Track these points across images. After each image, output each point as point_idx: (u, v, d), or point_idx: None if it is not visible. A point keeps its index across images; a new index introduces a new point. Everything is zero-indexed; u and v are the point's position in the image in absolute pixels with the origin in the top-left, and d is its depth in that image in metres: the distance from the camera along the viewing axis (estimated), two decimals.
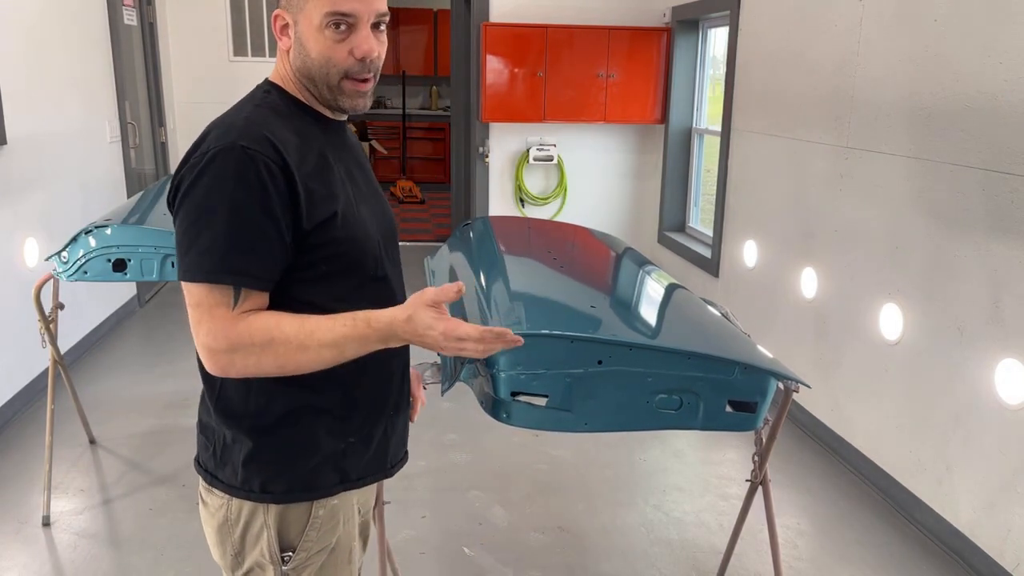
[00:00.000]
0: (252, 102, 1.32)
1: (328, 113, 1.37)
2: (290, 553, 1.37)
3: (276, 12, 1.31)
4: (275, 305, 1.27)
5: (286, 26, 1.31)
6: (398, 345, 1.27)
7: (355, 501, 1.46)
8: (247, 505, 1.35)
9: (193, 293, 1.22)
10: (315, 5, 1.26)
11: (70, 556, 2.80)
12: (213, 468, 1.37)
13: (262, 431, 1.32)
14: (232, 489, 1.35)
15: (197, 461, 1.42)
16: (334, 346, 1.22)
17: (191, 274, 1.21)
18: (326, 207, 1.27)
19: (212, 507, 1.39)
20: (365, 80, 1.32)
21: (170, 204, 1.27)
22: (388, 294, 1.40)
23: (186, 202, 1.22)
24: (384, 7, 1.31)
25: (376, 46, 1.30)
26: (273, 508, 1.35)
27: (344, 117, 1.41)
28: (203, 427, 1.40)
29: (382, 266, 1.38)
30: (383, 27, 1.32)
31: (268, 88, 1.35)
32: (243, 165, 1.19)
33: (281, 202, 1.22)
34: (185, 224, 1.22)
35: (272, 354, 1.21)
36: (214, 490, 1.38)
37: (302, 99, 1.35)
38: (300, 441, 1.34)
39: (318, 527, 1.38)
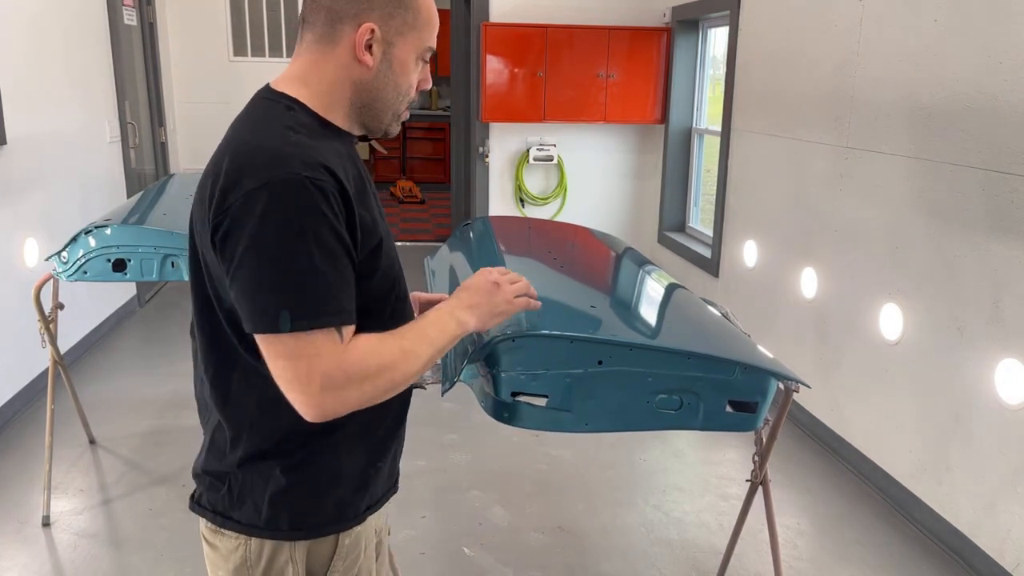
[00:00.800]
0: (281, 122, 1.17)
1: (346, 128, 1.28)
2: None
3: (368, 25, 1.19)
4: None
5: (371, 41, 1.21)
6: (469, 318, 1.30)
7: (373, 523, 1.43)
8: (269, 542, 1.27)
9: (288, 344, 1.09)
10: (424, 36, 1.25)
11: (70, 556, 2.80)
12: (225, 509, 1.27)
13: (293, 469, 1.25)
14: (252, 529, 1.26)
15: (198, 503, 1.32)
16: (425, 338, 1.22)
17: (282, 323, 1.08)
18: (374, 234, 1.21)
19: (224, 550, 1.29)
20: None
21: (217, 244, 1.12)
22: (410, 313, 1.37)
23: (250, 242, 1.08)
24: None
25: None
26: (300, 543, 1.28)
27: (360, 133, 1.35)
28: (210, 472, 1.29)
29: (402, 285, 1.34)
30: None
31: (290, 104, 1.21)
32: (311, 197, 1.09)
33: (347, 231, 1.14)
34: (254, 266, 1.08)
35: (388, 372, 1.17)
36: (225, 532, 1.28)
37: (327, 116, 1.24)
38: (332, 473, 1.28)
39: (344, 555, 1.33)
